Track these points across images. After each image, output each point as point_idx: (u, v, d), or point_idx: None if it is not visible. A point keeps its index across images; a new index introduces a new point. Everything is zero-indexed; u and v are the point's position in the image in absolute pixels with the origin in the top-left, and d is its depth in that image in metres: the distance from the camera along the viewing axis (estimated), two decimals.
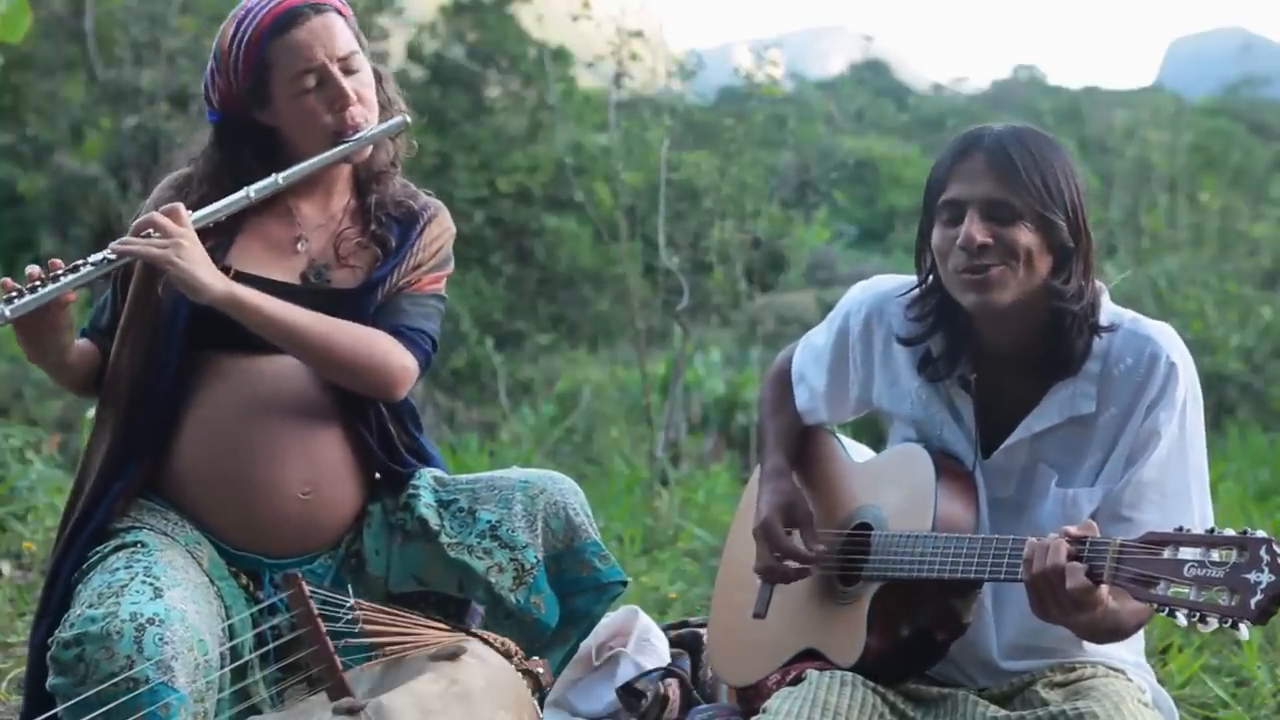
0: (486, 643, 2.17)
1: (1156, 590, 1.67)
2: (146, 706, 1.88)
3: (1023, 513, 2.04)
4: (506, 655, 2.18)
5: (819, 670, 2.03)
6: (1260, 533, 1.63)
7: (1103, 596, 1.76)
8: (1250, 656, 3.15)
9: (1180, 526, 1.71)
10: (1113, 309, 2.04)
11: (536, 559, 2.32)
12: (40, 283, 2.07)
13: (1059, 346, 1.98)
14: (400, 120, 2.35)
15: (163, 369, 2.22)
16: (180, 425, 2.23)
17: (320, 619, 2.06)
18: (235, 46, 2.24)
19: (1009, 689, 2.05)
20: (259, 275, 2.24)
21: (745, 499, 2.48)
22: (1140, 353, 1.98)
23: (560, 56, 14.91)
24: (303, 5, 2.24)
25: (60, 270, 2.09)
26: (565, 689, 2.75)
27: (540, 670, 2.23)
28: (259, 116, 2.29)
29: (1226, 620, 1.61)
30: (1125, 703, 1.90)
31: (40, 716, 2.01)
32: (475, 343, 11.66)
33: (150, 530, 2.18)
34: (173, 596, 2.00)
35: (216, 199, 2.22)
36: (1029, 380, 2.03)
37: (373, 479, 2.38)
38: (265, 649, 2.17)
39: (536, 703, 2.18)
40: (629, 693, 2.63)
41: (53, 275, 2.08)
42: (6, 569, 4.07)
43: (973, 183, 1.95)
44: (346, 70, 2.26)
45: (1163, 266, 12.28)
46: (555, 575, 2.36)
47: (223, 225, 2.23)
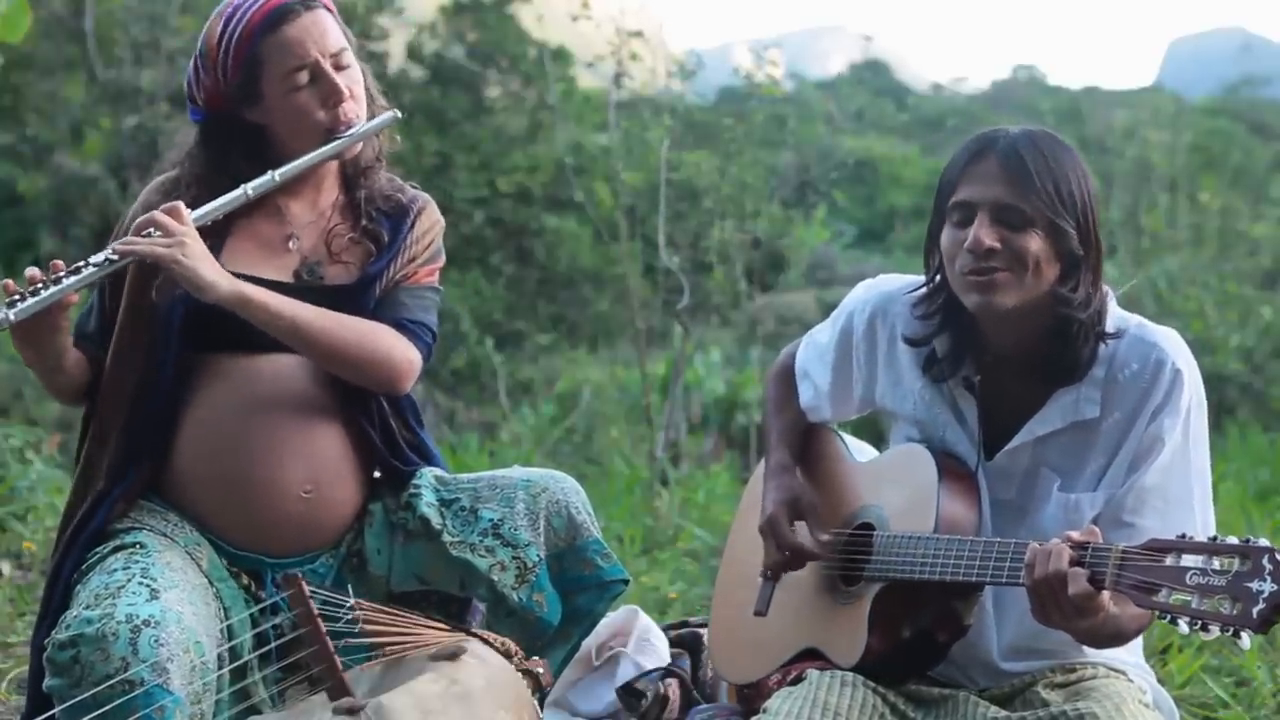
0: (486, 643, 2.17)
1: (1158, 597, 1.66)
2: (142, 708, 1.87)
3: (1024, 516, 2.04)
4: (506, 655, 2.18)
5: (819, 670, 2.02)
6: (1263, 541, 1.63)
7: (1104, 602, 1.75)
8: (1250, 657, 3.15)
9: (1182, 533, 1.70)
10: (1119, 314, 2.03)
11: (539, 557, 2.32)
12: (42, 285, 2.05)
13: (1065, 353, 1.98)
14: (391, 116, 2.35)
15: (161, 371, 2.21)
16: (180, 426, 2.22)
17: (320, 619, 2.06)
18: (224, 43, 2.22)
19: (1009, 690, 2.05)
20: (252, 275, 2.22)
21: (747, 497, 2.48)
22: (1146, 358, 1.98)
23: (560, 56, 14.91)
24: (294, 2, 2.23)
25: (62, 272, 2.07)
26: (565, 689, 2.75)
27: (540, 670, 2.23)
28: (247, 114, 2.27)
29: (1228, 628, 1.61)
30: (1126, 703, 1.90)
31: (39, 718, 2.01)
32: (475, 343, 11.65)
33: (150, 531, 2.17)
34: (169, 598, 1.99)
35: (208, 200, 2.20)
36: (1033, 384, 2.02)
37: (373, 478, 2.37)
38: (266, 649, 2.17)
39: (536, 703, 2.18)
40: (629, 693, 2.63)
41: (54, 277, 2.06)
42: (6, 569, 4.07)
43: (985, 185, 1.94)
44: (338, 66, 2.26)
45: (1163, 266, 12.26)
46: (557, 574, 2.36)
47: (214, 227, 2.21)
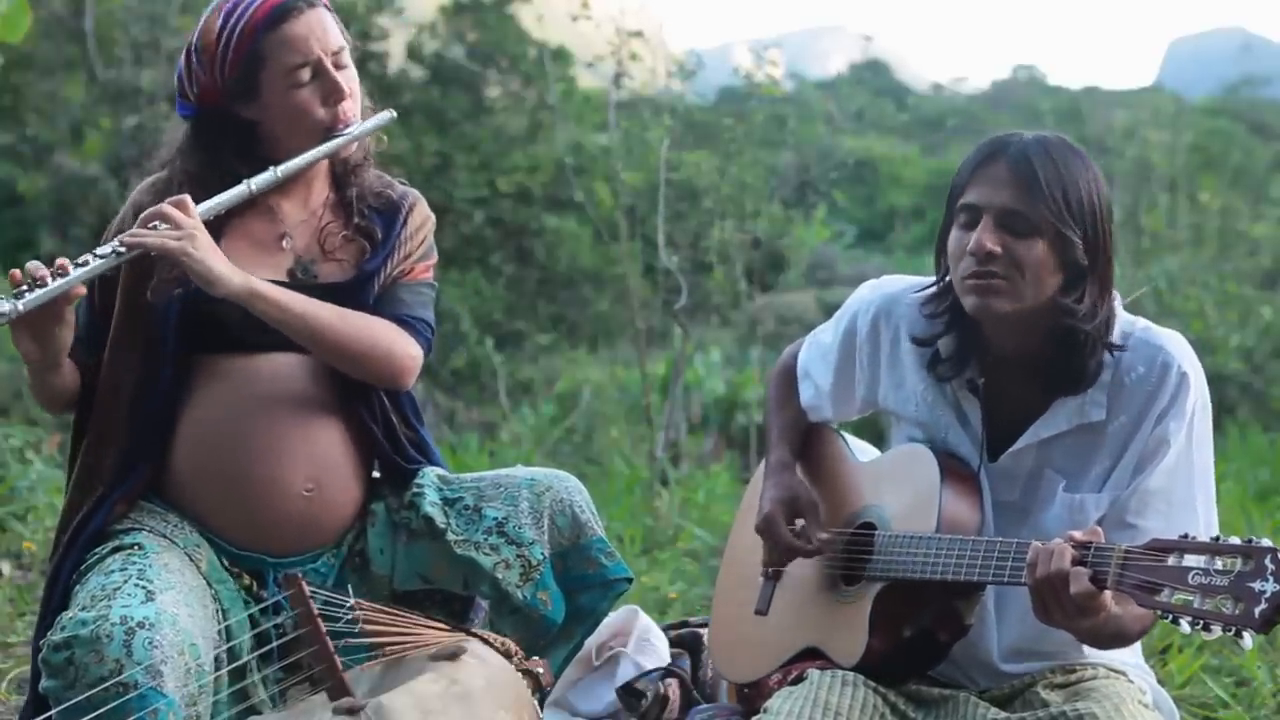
0: (487, 643, 2.17)
1: (1160, 597, 1.66)
2: (135, 711, 1.86)
3: (1027, 517, 2.04)
4: (506, 655, 2.18)
5: (820, 670, 2.02)
6: (1265, 541, 1.63)
7: (1106, 602, 1.75)
8: (1250, 657, 3.15)
9: (1185, 534, 1.70)
10: (1125, 317, 2.03)
11: (543, 555, 2.32)
12: (50, 276, 2.02)
13: (1069, 361, 1.98)
14: (389, 115, 2.36)
15: (160, 371, 2.21)
16: (179, 426, 2.22)
17: (320, 619, 2.06)
18: (224, 38, 2.21)
19: (1010, 690, 2.05)
20: None
21: (748, 497, 2.48)
22: (1152, 362, 1.98)
23: (560, 56, 14.89)
24: None
25: (67, 267, 2.04)
26: (565, 689, 2.75)
27: (540, 670, 2.23)
28: (242, 111, 2.26)
29: (1230, 628, 1.61)
30: (1126, 704, 1.90)
31: (36, 718, 2.01)
32: (475, 343, 11.64)
33: (149, 532, 2.16)
34: (165, 600, 1.98)
35: (203, 199, 2.18)
36: (1035, 388, 2.02)
37: (373, 477, 2.37)
38: (266, 649, 2.16)
39: (536, 703, 2.18)
40: (629, 693, 2.63)
41: (59, 271, 2.04)
42: (6, 569, 4.07)
43: (992, 190, 1.94)
44: (337, 65, 2.26)
45: (1163, 267, 12.27)
46: (561, 572, 2.36)
47: (207, 227, 2.18)
